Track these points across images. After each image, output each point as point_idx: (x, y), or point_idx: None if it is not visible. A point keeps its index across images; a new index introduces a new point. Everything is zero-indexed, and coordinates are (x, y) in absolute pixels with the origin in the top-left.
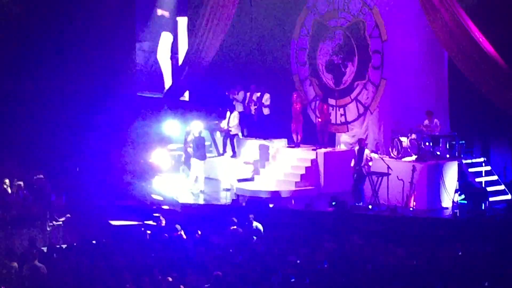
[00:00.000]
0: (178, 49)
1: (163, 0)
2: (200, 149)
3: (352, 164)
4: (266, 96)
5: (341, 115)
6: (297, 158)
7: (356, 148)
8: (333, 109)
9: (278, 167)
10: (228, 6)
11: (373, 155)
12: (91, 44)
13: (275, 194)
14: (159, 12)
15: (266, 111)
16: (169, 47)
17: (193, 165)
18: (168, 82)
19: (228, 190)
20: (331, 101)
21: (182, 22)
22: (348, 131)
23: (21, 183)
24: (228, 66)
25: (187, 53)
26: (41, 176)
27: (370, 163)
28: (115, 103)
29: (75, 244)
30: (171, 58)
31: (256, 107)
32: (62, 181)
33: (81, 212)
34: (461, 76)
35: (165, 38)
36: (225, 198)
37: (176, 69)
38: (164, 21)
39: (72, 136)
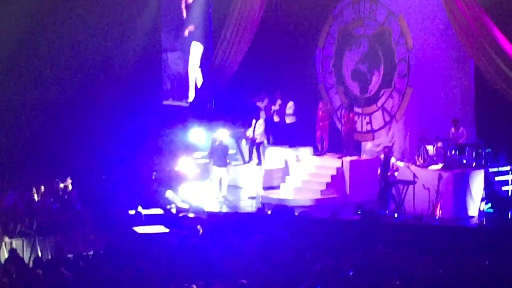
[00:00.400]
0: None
1: (190, 17)
2: (215, 156)
3: (378, 172)
4: (290, 104)
5: (367, 123)
6: (322, 166)
7: (382, 156)
8: (358, 117)
9: (304, 175)
10: (253, 14)
11: (399, 163)
12: (117, 54)
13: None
14: (186, 32)
15: (288, 119)
16: (199, 57)
17: (213, 171)
18: (193, 91)
19: (253, 198)
20: (357, 110)
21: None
22: (374, 139)
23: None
24: (254, 75)
25: (212, 62)
26: (69, 180)
27: (396, 173)
28: (142, 111)
29: (101, 251)
30: (200, 67)
31: (278, 115)
32: (89, 189)
33: (107, 220)
34: (488, 84)
35: (195, 48)
36: (250, 206)
37: (203, 78)
38: (195, 32)
39: (98, 144)
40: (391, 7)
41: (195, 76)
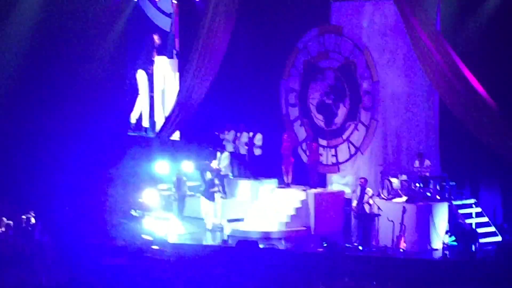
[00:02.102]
0: (154, 88)
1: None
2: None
3: (354, 204)
4: (258, 137)
5: (332, 155)
6: (287, 198)
7: (358, 189)
8: (324, 150)
9: (269, 207)
10: (219, 46)
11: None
12: (80, 82)
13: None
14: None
15: (257, 151)
16: (146, 85)
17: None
18: (135, 117)
19: (218, 230)
20: (322, 142)
21: (159, 61)
22: (339, 171)
23: (11, 222)
24: (219, 106)
25: (178, 94)
26: (32, 214)
27: (371, 201)
28: (105, 142)
29: (64, 284)
30: (149, 97)
31: (247, 147)
32: (52, 221)
33: (70, 252)
34: (452, 117)
35: (141, 76)
36: (214, 238)
37: (153, 108)
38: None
39: (61, 175)
40: (356, 40)
41: (142, 104)
